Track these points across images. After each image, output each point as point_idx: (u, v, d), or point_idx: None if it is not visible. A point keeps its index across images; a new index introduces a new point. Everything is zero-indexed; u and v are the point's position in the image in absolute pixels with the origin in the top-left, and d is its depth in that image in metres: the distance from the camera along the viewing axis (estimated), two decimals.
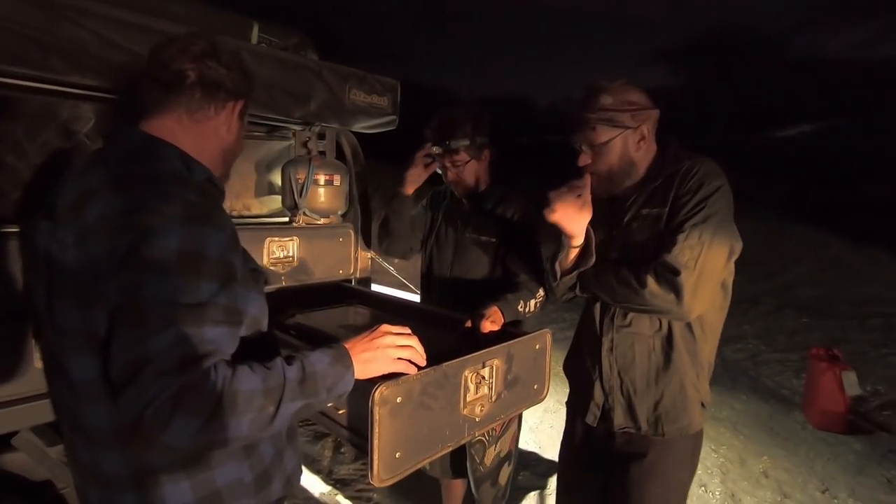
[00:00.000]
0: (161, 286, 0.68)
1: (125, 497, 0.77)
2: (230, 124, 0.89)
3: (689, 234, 1.16)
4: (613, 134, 1.24)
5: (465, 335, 1.35)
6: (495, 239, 1.66)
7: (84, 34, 1.24)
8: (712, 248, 1.16)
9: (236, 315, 0.75)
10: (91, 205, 0.72)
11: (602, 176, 1.29)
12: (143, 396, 0.65)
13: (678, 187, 1.22)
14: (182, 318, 0.67)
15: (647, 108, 1.25)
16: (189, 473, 0.78)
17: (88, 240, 0.71)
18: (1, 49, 1.13)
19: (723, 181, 1.21)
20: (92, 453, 0.78)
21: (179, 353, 0.66)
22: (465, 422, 1.05)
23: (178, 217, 0.70)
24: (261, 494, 0.85)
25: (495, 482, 1.69)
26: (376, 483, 0.88)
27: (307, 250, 1.87)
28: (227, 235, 0.76)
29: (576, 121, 1.28)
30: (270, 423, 0.73)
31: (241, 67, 0.90)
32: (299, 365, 0.78)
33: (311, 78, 1.76)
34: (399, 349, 0.90)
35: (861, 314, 6.31)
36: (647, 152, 1.29)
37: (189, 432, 0.66)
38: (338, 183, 1.90)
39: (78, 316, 0.73)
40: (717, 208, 1.18)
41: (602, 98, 1.23)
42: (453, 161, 1.65)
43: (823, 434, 3.20)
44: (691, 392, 1.27)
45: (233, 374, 0.70)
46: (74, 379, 0.76)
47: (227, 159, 0.93)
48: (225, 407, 0.67)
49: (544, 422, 3.26)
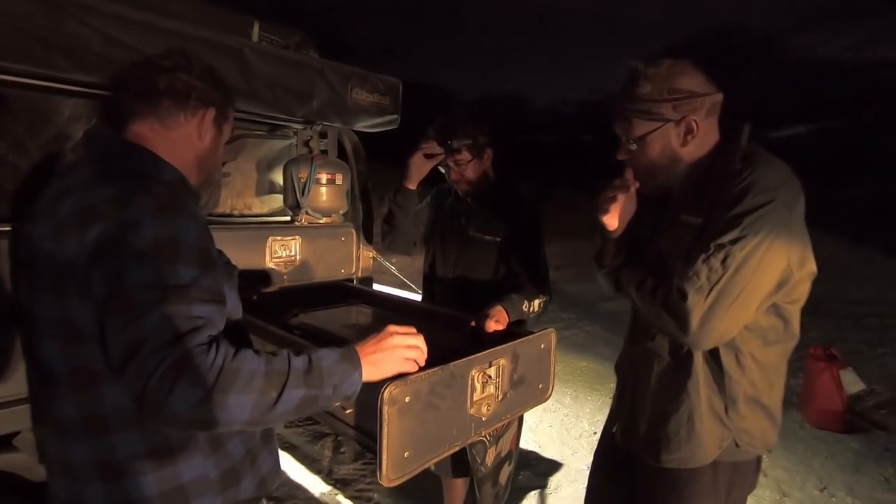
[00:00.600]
0: (143, 272, 0.71)
1: (92, 487, 0.79)
2: (202, 131, 0.94)
3: (712, 254, 0.97)
4: (650, 128, 1.07)
5: (469, 335, 1.35)
6: (499, 238, 1.67)
7: (89, 32, 1.23)
8: (743, 274, 0.96)
9: (220, 296, 0.78)
10: (63, 201, 0.77)
11: (643, 171, 1.13)
12: (145, 369, 0.67)
13: (718, 195, 1.02)
14: (168, 298, 0.71)
15: (699, 95, 1.05)
16: (154, 467, 0.79)
17: (61, 232, 0.75)
18: (4, 46, 1.12)
19: (773, 195, 0.97)
20: (62, 444, 0.81)
21: (172, 327, 0.70)
22: (472, 421, 1.05)
23: (149, 209, 0.75)
24: (227, 492, 0.86)
25: (496, 482, 1.69)
26: (385, 483, 0.88)
27: (309, 250, 1.87)
28: (199, 225, 0.80)
29: (614, 110, 1.13)
30: (272, 409, 0.74)
31: (214, 79, 0.96)
32: (305, 356, 0.80)
33: (313, 76, 1.76)
34: (408, 349, 0.91)
35: (856, 314, 6.35)
36: (699, 145, 1.10)
37: (192, 401, 0.68)
38: (340, 182, 1.90)
39: (52, 305, 0.77)
40: (758, 228, 0.96)
41: (640, 86, 1.06)
42: (456, 160, 1.66)
43: (821, 433, 3.21)
44: (706, 426, 1.09)
45: (235, 353, 0.73)
46: (45, 369, 0.79)
47: (202, 164, 0.98)
48: (226, 381, 0.69)
49: (544, 421, 3.27)
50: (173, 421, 0.69)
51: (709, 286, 0.97)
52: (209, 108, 0.94)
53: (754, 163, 1.02)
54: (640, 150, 1.11)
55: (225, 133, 1.01)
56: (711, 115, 1.09)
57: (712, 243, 0.98)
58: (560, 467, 2.72)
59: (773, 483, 2.65)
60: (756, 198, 0.97)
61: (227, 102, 0.99)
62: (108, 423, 0.77)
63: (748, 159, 1.03)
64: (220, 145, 1.01)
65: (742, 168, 1.01)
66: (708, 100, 1.06)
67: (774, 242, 0.97)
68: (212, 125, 0.96)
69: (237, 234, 1.73)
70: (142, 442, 0.78)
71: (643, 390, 1.18)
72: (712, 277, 0.96)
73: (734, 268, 0.96)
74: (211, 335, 0.73)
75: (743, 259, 0.96)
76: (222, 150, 1.03)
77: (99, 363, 0.76)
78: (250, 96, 1.60)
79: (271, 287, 1.73)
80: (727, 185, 1.01)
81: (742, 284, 0.97)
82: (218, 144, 1.00)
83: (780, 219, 0.97)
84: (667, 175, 1.12)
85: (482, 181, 1.72)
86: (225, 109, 0.99)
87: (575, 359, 4.63)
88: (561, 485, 2.55)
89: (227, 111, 1.00)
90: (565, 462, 2.78)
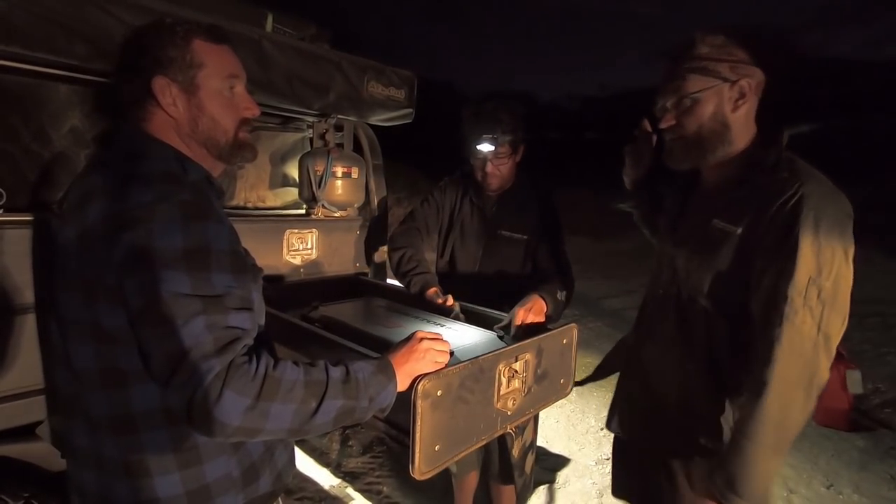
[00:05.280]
0: (177, 282, 0.70)
1: (120, 484, 0.80)
2: (176, 100, 0.84)
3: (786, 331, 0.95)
4: (706, 84, 1.05)
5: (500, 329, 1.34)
6: (527, 236, 1.65)
7: (110, 21, 1.22)
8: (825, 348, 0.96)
9: (251, 303, 0.79)
10: (90, 204, 0.76)
11: (690, 138, 1.10)
12: (192, 380, 0.68)
13: (767, 224, 0.99)
14: (205, 307, 0.70)
15: (753, 64, 1.05)
16: (181, 466, 0.80)
17: (89, 238, 0.75)
18: (28, 34, 1.11)
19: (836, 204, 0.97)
20: (91, 439, 0.81)
21: (213, 337, 0.70)
22: (499, 415, 1.05)
23: (176, 216, 0.73)
24: (248, 489, 0.87)
25: (522, 472, 1.70)
26: (417, 476, 0.88)
27: (325, 243, 1.87)
28: (227, 228, 0.79)
29: (665, 75, 1.11)
30: (312, 419, 0.75)
31: (179, 43, 0.85)
32: (343, 367, 0.81)
33: (330, 69, 1.75)
34: (439, 353, 0.92)
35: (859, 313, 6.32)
36: (746, 122, 1.08)
37: (240, 409, 0.68)
38: (355, 176, 1.89)
39: (81, 307, 0.77)
40: (836, 279, 0.95)
41: (699, 47, 1.06)
42: (497, 154, 1.60)
43: (827, 431, 3.21)
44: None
45: (275, 363, 0.74)
46: (77, 367, 0.79)
47: (216, 128, 0.88)
48: (269, 391, 0.70)
49: (550, 416, 3.27)
50: (221, 430, 0.68)
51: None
52: (158, 77, 0.83)
53: (799, 173, 1.00)
54: (691, 111, 1.08)
55: (206, 85, 0.87)
56: (756, 94, 1.07)
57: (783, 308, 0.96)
58: (568, 462, 2.73)
59: (780, 480, 2.66)
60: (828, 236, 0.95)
61: (182, 64, 0.84)
62: (136, 423, 0.78)
63: (793, 167, 1.02)
64: (209, 103, 0.87)
65: (790, 182, 0.99)
66: (758, 73, 1.06)
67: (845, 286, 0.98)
68: (179, 92, 0.85)
69: (254, 227, 1.72)
70: (169, 442, 0.79)
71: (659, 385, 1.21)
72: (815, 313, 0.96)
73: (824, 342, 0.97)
74: (247, 344, 0.73)
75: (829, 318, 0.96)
76: (225, 103, 0.89)
77: (130, 364, 0.76)
78: (268, 88, 1.59)
79: (289, 280, 1.73)
80: (775, 196, 0.98)
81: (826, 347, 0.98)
82: (205, 104, 0.87)
83: (846, 249, 0.97)
84: (713, 144, 1.09)
85: (510, 177, 1.69)
86: (178, 73, 0.84)
87: (580, 355, 4.61)
88: (569, 480, 2.56)
89: (184, 73, 0.85)
90: (573, 457, 2.78)
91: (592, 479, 2.56)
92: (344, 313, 1.46)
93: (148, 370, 0.74)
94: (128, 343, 0.74)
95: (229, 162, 0.94)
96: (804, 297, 0.95)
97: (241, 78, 0.93)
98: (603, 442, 2.94)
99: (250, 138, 0.96)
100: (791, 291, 0.95)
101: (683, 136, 1.11)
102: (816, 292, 0.95)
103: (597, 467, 2.68)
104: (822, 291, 0.95)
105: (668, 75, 1.11)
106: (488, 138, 1.57)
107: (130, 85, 0.85)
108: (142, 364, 0.74)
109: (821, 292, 0.95)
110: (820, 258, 0.95)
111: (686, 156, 1.13)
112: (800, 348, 0.96)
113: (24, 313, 1.15)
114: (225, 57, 0.89)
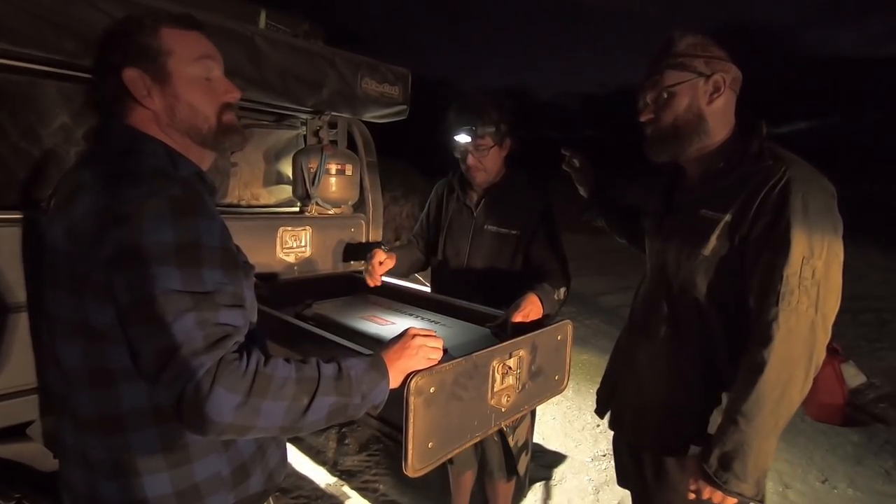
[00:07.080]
0: (167, 278, 0.69)
1: (108, 483, 0.79)
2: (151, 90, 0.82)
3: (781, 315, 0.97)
4: (682, 78, 1.10)
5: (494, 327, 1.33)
6: (516, 231, 1.64)
7: (98, 16, 1.21)
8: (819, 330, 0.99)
9: (242, 300, 0.78)
10: (78, 200, 0.74)
11: (667, 130, 1.14)
12: (181, 377, 0.67)
13: (757, 209, 1.02)
14: (196, 304, 0.70)
15: (728, 60, 1.11)
16: (170, 465, 0.79)
17: (77, 234, 0.73)
18: (15, 31, 1.10)
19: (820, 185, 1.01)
20: (80, 438, 0.80)
21: (203, 334, 0.69)
22: (493, 412, 1.05)
23: (166, 211, 0.71)
24: (238, 488, 0.86)
25: (515, 470, 1.70)
26: (410, 473, 0.87)
27: (319, 240, 1.86)
28: (218, 224, 0.78)
29: (647, 72, 1.16)
30: (304, 416, 0.74)
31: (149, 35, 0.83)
32: (335, 364, 0.80)
33: (323, 66, 1.74)
34: (432, 350, 0.92)
35: (854, 309, 6.38)
36: (723, 115, 1.13)
37: (231, 406, 0.67)
38: (349, 173, 1.89)
39: (70, 305, 0.75)
40: (827, 257, 0.98)
41: (677, 44, 1.12)
42: (477, 146, 1.61)
43: (822, 426, 3.23)
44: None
45: (266, 360, 0.73)
46: (65, 365, 0.79)
47: (195, 115, 0.85)
48: (260, 387, 0.70)
49: (547, 413, 3.28)
50: (211, 427, 0.68)
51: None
52: (128, 69, 0.81)
53: (785, 161, 1.03)
54: (668, 104, 1.13)
55: (178, 72, 0.83)
56: (733, 89, 1.13)
57: (777, 297, 0.98)
58: (564, 459, 2.73)
59: (775, 475, 2.67)
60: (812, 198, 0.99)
61: (148, 53, 0.81)
62: (125, 423, 0.77)
63: (776, 156, 1.05)
64: (184, 90, 0.84)
65: (775, 168, 1.02)
66: (733, 69, 1.11)
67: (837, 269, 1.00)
68: (152, 83, 0.82)
69: (248, 225, 1.71)
70: (158, 441, 0.78)
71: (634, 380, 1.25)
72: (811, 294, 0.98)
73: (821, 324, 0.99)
74: (238, 342, 0.73)
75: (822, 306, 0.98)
76: (202, 89, 0.86)
77: (117, 363, 0.75)
78: (261, 85, 1.58)
79: (282, 278, 1.72)
80: (761, 191, 1.01)
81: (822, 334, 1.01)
82: (180, 91, 0.83)
83: (836, 228, 1.00)
84: (690, 136, 1.13)
85: (497, 172, 1.69)
86: (147, 62, 0.82)
87: (576, 352, 4.64)
88: (566, 476, 2.56)
89: (152, 61, 0.82)
90: (569, 454, 2.79)
91: (589, 476, 2.56)
92: (337, 311, 1.45)
93: (137, 368, 0.73)
94: (117, 341, 0.73)
95: (216, 149, 0.91)
96: (799, 277, 0.97)
97: (217, 61, 0.89)
98: (599, 439, 2.95)
99: (236, 121, 0.91)
100: (787, 272, 0.97)
101: (661, 127, 1.15)
102: (811, 272, 0.97)
103: (593, 464, 2.69)
104: (816, 271, 0.97)
105: (648, 72, 1.16)
106: (467, 129, 1.59)
107: (106, 82, 0.83)
108: (131, 362, 0.73)
109: (815, 272, 0.97)
110: (811, 238, 0.97)
111: (664, 147, 1.16)
112: (797, 328, 0.98)
113: (15, 312, 1.14)
114: (195, 41, 0.86)
